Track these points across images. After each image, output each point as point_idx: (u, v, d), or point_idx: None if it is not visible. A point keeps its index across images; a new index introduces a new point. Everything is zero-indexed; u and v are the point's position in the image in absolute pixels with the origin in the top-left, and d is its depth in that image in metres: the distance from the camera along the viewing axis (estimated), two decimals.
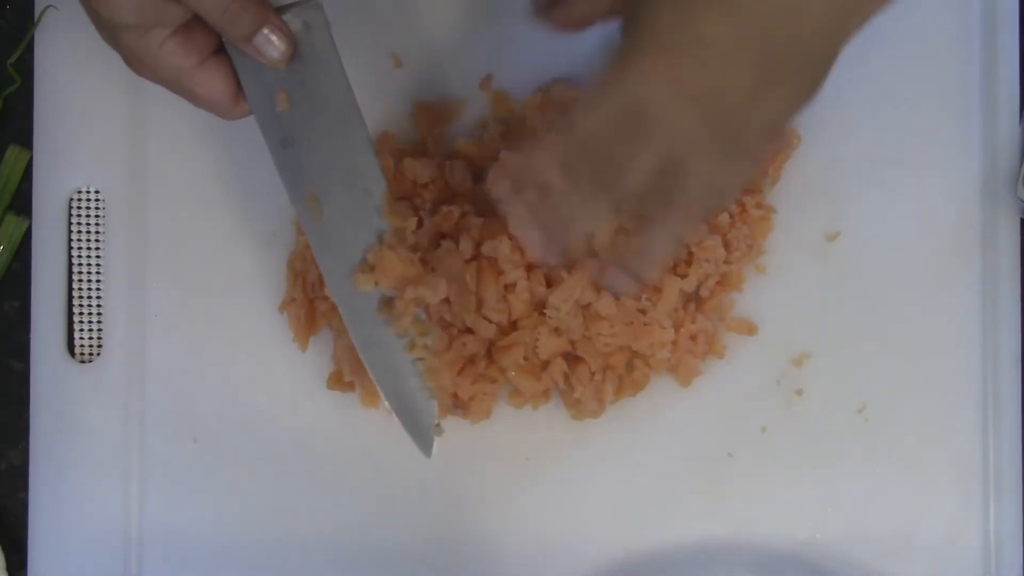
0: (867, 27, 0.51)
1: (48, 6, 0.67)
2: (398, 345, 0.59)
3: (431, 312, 0.62)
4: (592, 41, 0.58)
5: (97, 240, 0.67)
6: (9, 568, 0.66)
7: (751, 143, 0.52)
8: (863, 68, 0.69)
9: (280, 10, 0.54)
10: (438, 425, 0.61)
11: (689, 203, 0.53)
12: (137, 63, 0.53)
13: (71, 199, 0.67)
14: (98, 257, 0.67)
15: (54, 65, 0.67)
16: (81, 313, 0.67)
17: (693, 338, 0.65)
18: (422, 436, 0.60)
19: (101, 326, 0.67)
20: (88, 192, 0.67)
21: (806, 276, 0.68)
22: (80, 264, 0.67)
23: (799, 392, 0.68)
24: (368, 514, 0.67)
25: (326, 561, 0.67)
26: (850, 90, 0.69)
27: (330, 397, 0.67)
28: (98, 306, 0.67)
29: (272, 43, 0.53)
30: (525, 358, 0.64)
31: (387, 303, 0.58)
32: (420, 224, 0.64)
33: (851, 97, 0.69)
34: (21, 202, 0.67)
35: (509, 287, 0.63)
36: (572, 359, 0.65)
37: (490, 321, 0.63)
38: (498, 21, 0.68)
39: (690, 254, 0.64)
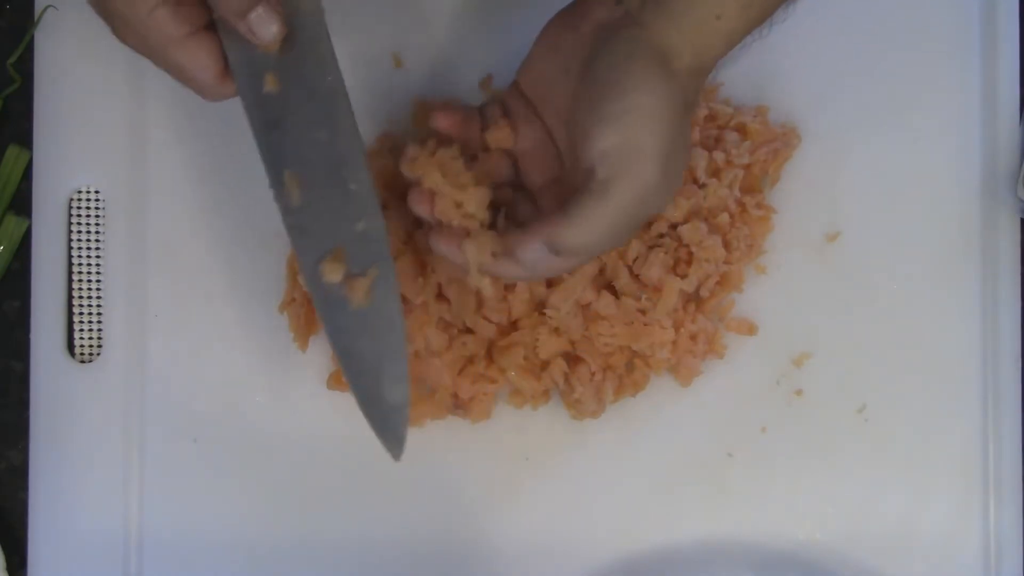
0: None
1: (48, 6, 0.67)
2: (374, 333, 0.56)
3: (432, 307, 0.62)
4: None
5: (97, 240, 0.67)
6: (9, 568, 0.66)
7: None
8: (863, 68, 0.69)
9: None
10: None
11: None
12: (125, 29, 0.51)
13: (71, 199, 0.67)
14: (98, 257, 0.67)
15: (54, 65, 0.67)
16: (81, 313, 0.67)
17: (693, 338, 0.65)
18: (391, 437, 0.57)
19: (101, 326, 0.67)
20: (88, 192, 0.67)
21: (806, 276, 0.68)
22: (80, 264, 0.67)
23: (799, 392, 0.68)
24: (368, 514, 0.67)
25: (325, 561, 0.67)
26: (850, 90, 0.69)
27: (330, 397, 0.67)
28: (98, 306, 0.67)
29: (265, 22, 0.51)
30: (525, 358, 0.64)
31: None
32: (420, 224, 0.64)
33: (851, 97, 0.69)
34: (21, 202, 0.67)
35: (509, 287, 0.63)
36: (572, 359, 0.65)
37: (490, 321, 0.63)
38: (498, 21, 0.68)
39: (690, 254, 0.64)
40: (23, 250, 0.67)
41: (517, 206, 0.58)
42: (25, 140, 0.67)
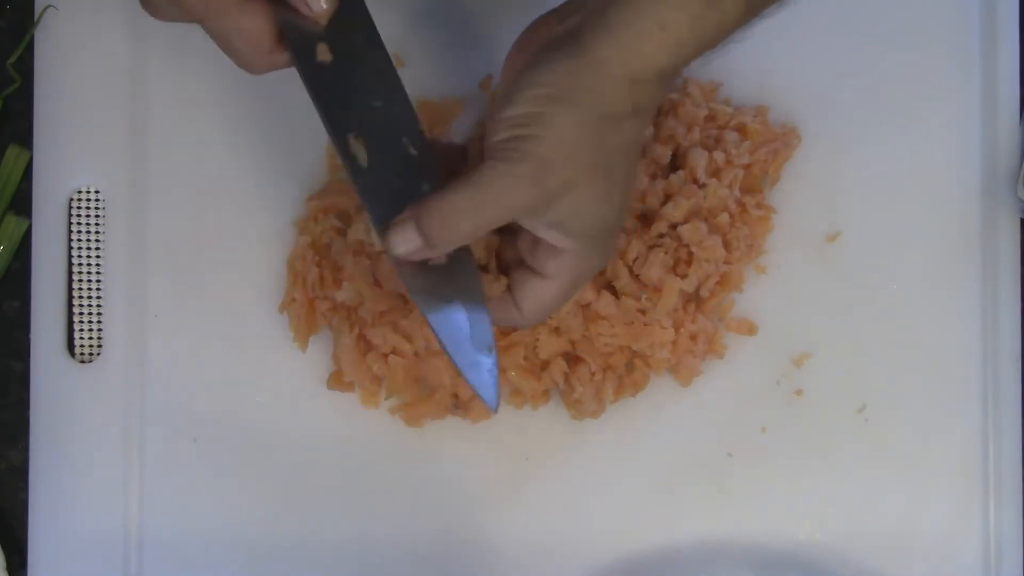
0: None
1: (48, 6, 0.67)
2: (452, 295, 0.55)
3: None
4: None
5: (97, 240, 0.67)
6: (9, 568, 0.66)
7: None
8: (863, 68, 0.69)
9: None
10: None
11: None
12: (163, 1, 0.51)
13: (71, 199, 0.67)
14: (98, 257, 0.67)
15: (54, 65, 0.67)
16: (81, 313, 0.67)
17: (693, 338, 0.65)
18: (485, 387, 0.55)
19: (101, 326, 0.67)
20: (88, 192, 0.67)
21: (806, 276, 0.68)
22: (80, 264, 0.67)
23: (799, 392, 0.68)
24: (368, 514, 0.67)
25: (325, 561, 0.67)
26: (850, 90, 0.69)
27: (330, 397, 0.67)
28: (98, 306, 0.67)
29: None
30: (525, 358, 0.64)
31: None
32: None
33: (851, 97, 0.69)
34: (21, 202, 0.67)
35: None
36: (572, 359, 0.65)
37: None
38: (498, 21, 0.68)
39: (690, 254, 0.64)
40: (23, 250, 0.67)
41: (504, 247, 0.58)
42: (25, 140, 0.67)
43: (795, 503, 0.68)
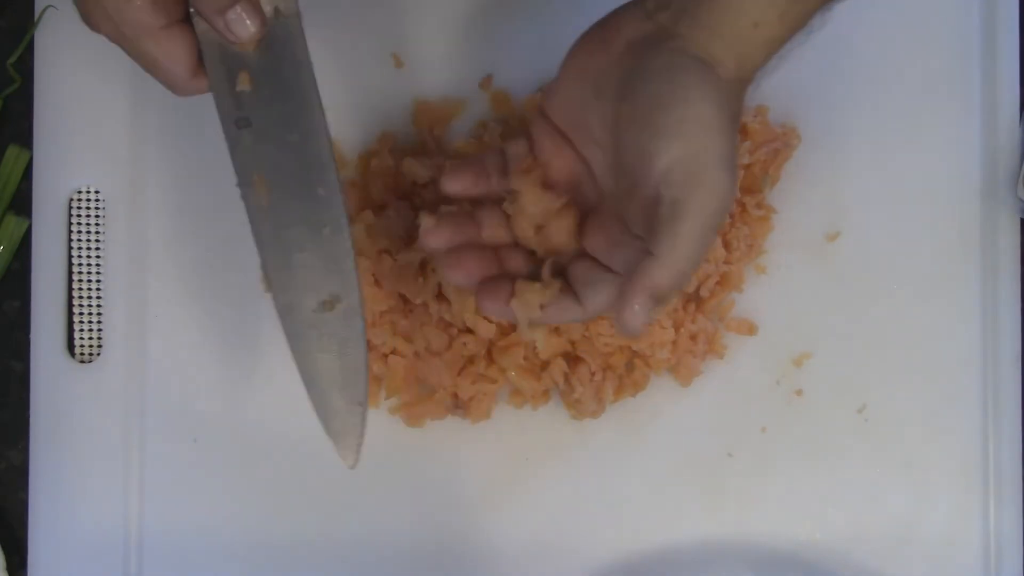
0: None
1: (48, 6, 0.67)
2: (329, 346, 0.55)
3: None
4: None
5: (97, 240, 0.67)
6: (9, 568, 0.66)
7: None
8: (863, 68, 0.69)
9: None
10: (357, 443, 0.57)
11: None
12: (99, 16, 0.50)
13: (71, 199, 0.67)
14: (98, 257, 0.67)
15: (54, 65, 0.67)
16: (81, 313, 0.67)
17: (693, 338, 0.65)
18: (345, 442, 0.56)
19: (101, 326, 0.67)
20: (88, 192, 0.67)
21: (806, 276, 0.68)
22: (80, 264, 0.67)
23: (799, 392, 0.68)
24: (368, 514, 0.67)
25: (325, 561, 0.67)
26: (850, 90, 0.69)
27: None
28: (98, 306, 0.67)
29: (244, 21, 0.50)
30: (525, 358, 0.64)
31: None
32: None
33: (851, 97, 0.69)
34: (21, 202, 0.67)
35: None
36: (572, 359, 0.65)
37: (490, 321, 0.63)
38: (498, 21, 0.68)
39: None
40: (23, 250, 0.67)
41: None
42: (25, 140, 0.67)
43: (795, 503, 0.68)
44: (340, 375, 0.55)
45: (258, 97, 0.52)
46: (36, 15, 0.67)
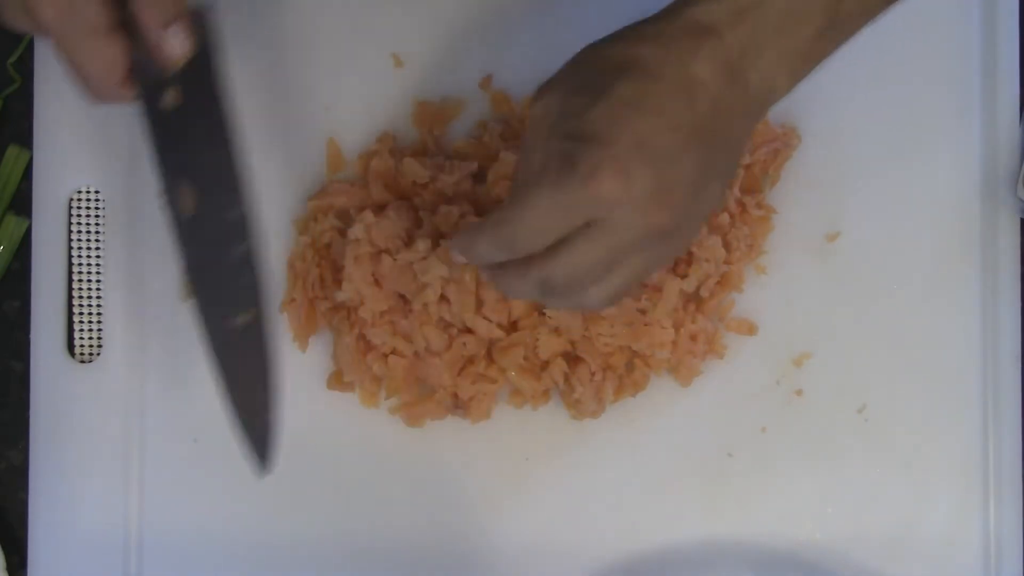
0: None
1: None
2: (252, 353, 0.57)
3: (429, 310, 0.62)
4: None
5: (97, 240, 0.67)
6: (9, 568, 0.66)
7: (694, 226, 0.53)
8: (863, 68, 0.69)
9: None
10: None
11: (623, 280, 0.52)
12: (15, 8, 0.49)
13: (71, 199, 0.67)
14: (98, 257, 0.67)
15: (54, 65, 0.67)
16: (81, 313, 0.67)
17: (693, 338, 0.65)
18: (260, 451, 0.58)
19: (101, 326, 0.67)
20: (88, 192, 0.67)
21: (806, 276, 0.68)
22: (80, 264, 0.67)
23: (799, 392, 0.68)
24: (367, 514, 0.67)
25: (326, 561, 0.67)
26: (850, 90, 0.69)
27: (330, 397, 0.67)
28: (98, 306, 0.67)
29: (179, 40, 0.50)
30: (525, 358, 0.64)
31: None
32: (420, 224, 0.64)
33: (851, 97, 0.69)
34: (21, 202, 0.67)
35: None
36: (572, 359, 0.65)
37: (490, 321, 0.63)
38: (498, 21, 0.68)
39: (690, 254, 0.64)
40: (23, 250, 0.67)
41: None
42: (25, 140, 0.67)
43: (795, 503, 0.68)
44: (251, 383, 0.57)
45: (184, 113, 0.53)
46: None
